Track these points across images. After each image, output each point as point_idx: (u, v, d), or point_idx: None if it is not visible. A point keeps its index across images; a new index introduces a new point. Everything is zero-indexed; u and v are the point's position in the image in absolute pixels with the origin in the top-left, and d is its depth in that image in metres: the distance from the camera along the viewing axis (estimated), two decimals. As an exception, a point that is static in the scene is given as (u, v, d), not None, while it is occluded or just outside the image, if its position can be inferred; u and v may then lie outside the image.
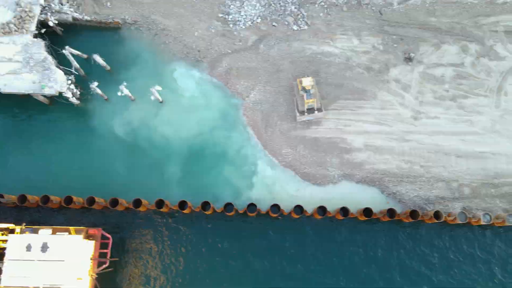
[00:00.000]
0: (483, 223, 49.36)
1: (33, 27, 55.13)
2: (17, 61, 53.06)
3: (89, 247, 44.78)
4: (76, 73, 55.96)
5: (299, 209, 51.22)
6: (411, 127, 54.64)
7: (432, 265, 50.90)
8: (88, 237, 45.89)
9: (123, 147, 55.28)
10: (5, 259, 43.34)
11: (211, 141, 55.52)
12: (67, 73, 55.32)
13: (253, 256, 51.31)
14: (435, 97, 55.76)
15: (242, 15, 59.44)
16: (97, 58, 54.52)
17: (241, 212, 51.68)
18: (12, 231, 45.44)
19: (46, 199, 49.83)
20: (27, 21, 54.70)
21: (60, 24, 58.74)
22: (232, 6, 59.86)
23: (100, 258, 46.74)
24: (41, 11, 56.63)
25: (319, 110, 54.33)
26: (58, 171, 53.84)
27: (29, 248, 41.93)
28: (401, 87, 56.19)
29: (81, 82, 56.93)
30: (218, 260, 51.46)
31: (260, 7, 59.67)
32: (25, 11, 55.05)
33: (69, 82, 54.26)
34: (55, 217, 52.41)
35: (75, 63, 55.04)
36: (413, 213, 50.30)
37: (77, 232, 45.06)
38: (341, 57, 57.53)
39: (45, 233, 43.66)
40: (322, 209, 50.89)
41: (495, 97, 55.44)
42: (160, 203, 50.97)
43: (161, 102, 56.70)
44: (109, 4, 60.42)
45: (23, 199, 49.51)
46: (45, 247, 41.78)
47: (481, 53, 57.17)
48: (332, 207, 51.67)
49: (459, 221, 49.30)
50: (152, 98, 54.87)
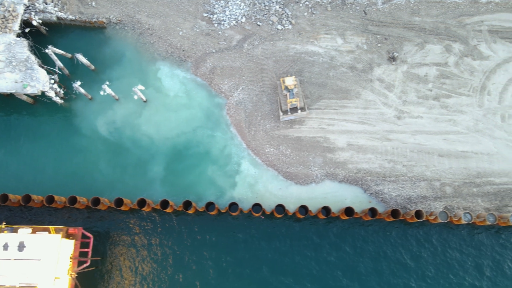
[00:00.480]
0: (463, 222, 49.41)
1: (16, 27, 55.13)
2: (0, 60, 53.00)
3: (69, 246, 44.73)
4: (59, 72, 56.01)
5: (281, 208, 51.23)
6: (394, 127, 54.69)
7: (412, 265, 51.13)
8: (68, 236, 45.85)
9: (106, 146, 55.35)
10: (-18, 257, 43.32)
11: (195, 140, 55.59)
12: (51, 72, 55.37)
13: (235, 255, 51.38)
14: (418, 97, 55.81)
15: (226, 15, 59.47)
16: (80, 57, 54.53)
17: (223, 211, 51.73)
18: (-9, 230, 45.51)
19: (28, 198, 49.80)
20: (10, 20, 54.69)
21: (44, 23, 58.79)
22: (216, 5, 59.89)
23: (80, 257, 46.66)
24: (25, 11, 56.69)
25: (302, 109, 54.40)
26: (41, 170, 54.02)
27: (5, 247, 41.90)
28: (385, 86, 56.25)
29: (65, 81, 57.04)
30: (200, 258, 51.56)
31: (244, 7, 59.70)
32: (9, 11, 55.07)
33: (52, 81, 54.25)
34: (41, 216, 52.65)
35: (58, 62, 55.05)
36: (395, 212, 50.39)
37: (57, 231, 45.02)
38: (325, 56, 57.57)
39: (24, 232, 43.60)
40: (304, 209, 50.92)
41: (478, 96, 55.51)
42: (142, 203, 50.98)
43: (145, 101, 56.73)
44: (94, 3, 60.44)
45: (4, 198, 49.48)
46: (21, 246, 41.77)
47: (465, 53, 57.23)
48: (315, 206, 51.80)
49: (440, 220, 49.31)
50: (135, 97, 54.89)
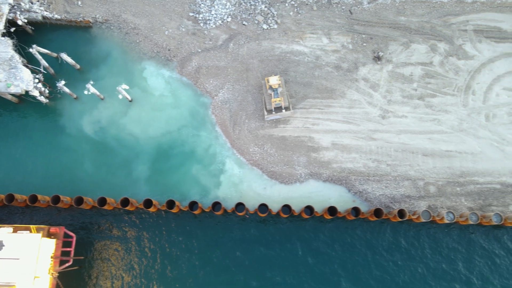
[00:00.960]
0: (446, 221, 49.46)
1: (1, 26, 55.10)
2: (-16, 59, 53.05)
3: (50, 245, 44.71)
4: (44, 72, 55.97)
5: (265, 207, 51.25)
6: (379, 126, 54.74)
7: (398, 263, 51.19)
8: (49, 235, 45.83)
9: (91, 145, 55.34)
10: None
11: (180, 139, 55.60)
12: (36, 71, 55.35)
13: (219, 254, 51.38)
14: (403, 96, 55.88)
15: (212, 14, 59.50)
16: (65, 56, 54.53)
17: (207, 210, 51.75)
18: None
19: (11, 198, 49.78)
20: (-5, 19, 54.68)
21: (30, 23, 58.75)
22: (202, 5, 59.93)
23: (62, 256, 46.65)
24: (10, 10, 56.65)
25: (287, 109, 54.43)
26: (25, 169, 53.97)
27: (-15, 246, 42.01)
28: (370, 86, 56.30)
29: (50, 81, 56.98)
30: (184, 257, 51.58)
31: (230, 6, 59.73)
32: (-6, 10, 55.07)
33: (37, 80, 54.23)
34: (26, 215, 52.68)
35: (43, 62, 55.03)
36: (377, 212, 50.44)
37: (38, 230, 45.01)
38: (311, 56, 57.62)
39: (4, 231, 43.58)
40: (287, 208, 50.96)
41: (463, 96, 55.58)
42: (125, 202, 50.97)
43: (130, 101, 56.73)
44: (80, 3, 60.44)
45: (-13, 197, 49.52)
46: (0, 246, 41.75)
47: (450, 52, 57.31)
48: (299, 205, 51.83)
49: (423, 220, 49.35)
50: (120, 97, 54.88)
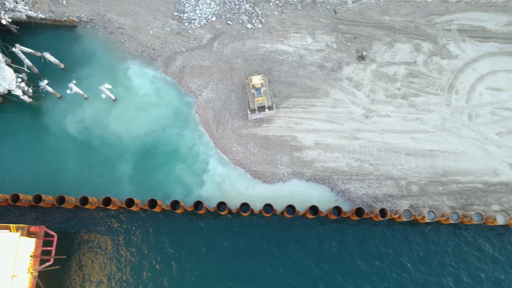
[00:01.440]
0: (427, 220, 49.51)
1: (-15, 25, 55.16)
2: (-34, 59, 53.08)
3: (29, 244, 44.72)
4: (28, 71, 55.98)
5: (247, 206, 51.29)
6: (362, 125, 54.78)
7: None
8: (29, 234, 45.83)
9: (75, 145, 55.36)
10: None
11: (164, 139, 55.63)
12: (19, 71, 55.36)
13: (201, 254, 51.42)
14: (386, 96, 55.93)
15: (197, 14, 59.54)
16: (48, 56, 54.56)
17: (189, 209, 51.79)
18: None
19: (-7, 197, 49.86)
20: (-22, 19, 54.67)
21: (15, 22, 58.77)
22: (187, 4, 59.95)
23: (43, 255, 46.65)
24: (-6, 9, 56.68)
25: (270, 108, 54.48)
26: (8, 168, 53.98)
27: (-38, 245, 41.99)
28: (354, 85, 56.35)
29: (35, 80, 56.98)
30: (166, 257, 51.62)
31: (215, 6, 59.76)
32: (-23, 9, 55.08)
33: (20, 80, 54.23)
34: (7, 215, 52.73)
35: (27, 61, 55.04)
36: (359, 211, 50.48)
37: (18, 229, 45.03)
38: (295, 55, 57.66)
39: (-17, 230, 43.70)
40: (269, 207, 50.99)
41: (446, 95, 55.64)
42: (107, 201, 50.99)
43: (114, 100, 56.76)
44: (64, 2, 60.45)
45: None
46: (-23, 244, 41.91)
47: (434, 52, 57.37)
48: (282, 205, 51.89)
49: (404, 219, 49.40)
50: (103, 96, 54.87)
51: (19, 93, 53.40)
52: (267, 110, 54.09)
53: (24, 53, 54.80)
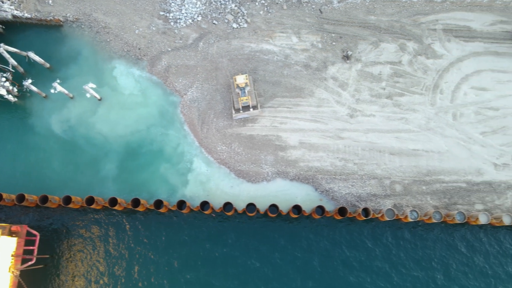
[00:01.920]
0: (410, 220, 49.53)
1: (-31, 25, 55.15)
2: (-50, 58, 53.05)
3: (10, 244, 44.70)
4: (13, 70, 55.95)
5: (230, 206, 51.28)
6: (347, 125, 54.81)
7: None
8: (11, 234, 45.81)
9: (60, 144, 55.33)
10: None
11: (149, 138, 55.63)
12: (4, 70, 55.31)
13: (183, 253, 51.42)
14: (371, 95, 55.96)
15: (183, 13, 59.56)
16: (32, 55, 54.56)
17: (173, 208, 51.78)
18: None
19: (-24, 196, 49.83)
20: (-37, 18, 54.66)
21: (0, 22, 58.71)
22: (173, 4, 59.98)
23: (25, 255, 46.61)
24: (-21, 9, 56.65)
25: (255, 107, 54.49)
26: (-8, 168, 54.00)
27: None
28: (339, 85, 56.39)
29: (20, 79, 56.86)
30: (150, 255, 51.56)
31: (201, 5, 59.80)
32: (-38, 9, 55.05)
33: (4, 79, 54.21)
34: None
35: (11, 61, 55.03)
36: (342, 210, 50.51)
37: (-1, 228, 45.08)
38: (280, 55, 57.70)
39: (-36, 229, 43.66)
40: (252, 206, 51.00)
41: (431, 95, 55.70)
42: (91, 200, 50.97)
43: (99, 99, 56.75)
44: (50, 1, 60.47)
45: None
46: (-43, 243, 41.89)
47: (419, 51, 57.43)
48: (266, 204, 51.85)
49: (387, 218, 49.43)
50: (88, 95, 54.85)
51: (3, 92, 53.40)
52: (251, 109, 54.10)
53: (9, 52, 54.77)
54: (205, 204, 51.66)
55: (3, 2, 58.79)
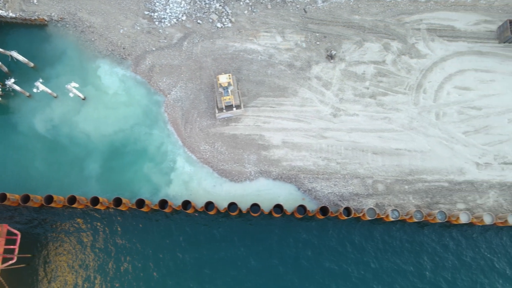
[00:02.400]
0: (391, 219, 49.59)
1: (-47, 24, 55.11)
2: None
3: (-10, 243, 44.81)
4: (-4, 70, 56.05)
5: (212, 205, 51.31)
6: (330, 124, 54.85)
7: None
8: (-9, 233, 45.88)
9: (43, 144, 55.33)
10: None
11: (132, 138, 55.62)
12: (-12, 69, 55.43)
13: (166, 252, 51.46)
14: (355, 95, 56.01)
15: (167, 13, 59.57)
16: (15, 54, 54.56)
17: (155, 208, 51.80)
18: None
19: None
20: None
21: (-15, 21, 58.83)
22: (157, 3, 59.99)
23: (6, 254, 46.61)
24: (-38, 8, 56.66)
25: (238, 107, 54.52)
26: (-25, 167, 53.98)
27: None
28: (322, 84, 56.42)
29: (4, 79, 56.88)
30: (131, 255, 51.65)
31: (185, 5, 59.81)
32: None
33: (-13, 78, 54.28)
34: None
35: (-5, 60, 55.10)
36: (324, 210, 50.55)
37: (-22, 228, 45.05)
38: (264, 54, 57.72)
39: None
40: (234, 206, 51.04)
41: (414, 94, 55.75)
42: (72, 200, 50.99)
43: (83, 99, 56.77)
44: (35, 1, 60.44)
45: None
46: None
47: (403, 51, 57.48)
48: (248, 203, 51.89)
49: (368, 218, 49.48)
50: (71, 95, 54.86)
51: (-14, 91, 53.41)
52: (234, 109, 54.13)
53: (-8, 52, 54.85)
54: (187, 203, 51.70)
55: (-13, 1, 58.83)
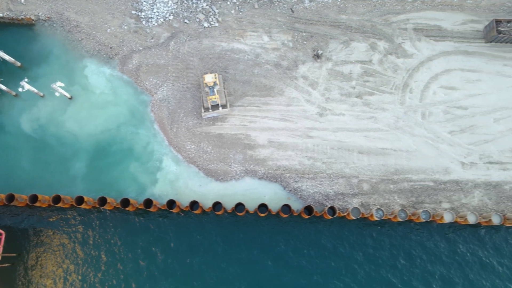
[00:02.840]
0: (376, 218, 49.61)
1: None
2: None
3: (-27, 242, 44.76)
4: (-17, 69, 55.99)
5: (196, 204, 51.30)
6: (316, 124, 54.88)
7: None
8: (-26, 232, 45.84)
9: (29, 143, 55.30)
10: None
11: (119, 137, 55.62)
12: (-26, 69, 55.39)
13: (151, 252, 51.46)
14: (341, 94, 56.04)
15: (154, 12, 59.59)
16: (1, 53, 54.57)
17: (140, 207, 51.78)
18: None
19: None
20: None
21: (-28, 20, 58.79)
22: (145, 3, 60.00)
23: (-10, 253, 46.70)
24: (-51, 7, 56.62)
25: (224, 106, 54.53)
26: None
27: None
28: (309, 83, 56.46)
29: (-10, 78, 57.01)
30: (117, 253, 51.62)
31: (172, 4, 59.83)
32: None
33: (-27, 78, 54.25)
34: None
35: (-19, 59, 55.06)
36: (308, 209, 50.56)
37: (-39, 227, 45.01)
38: (251, 54, 57.74)
39: None
40: (219, 205, 51.05)
41: (400, 94, 55.79)
42: (57, 199, 50.96)
43: (70, 98, 56.76)
44: (23, 0, 60.42)
45: None
46: None
47: (389, 51, 57.53)
48: (234, 203, 51.86)
49: (352, 217, 49.51)
50: (57, 94, 54.83)
51: (-29, 91, 53.39)
52: (220, 108, 54.14)
53: (-21, 51, 54.82)
54: (173, 202, 51.67)
55: (-26, 1, 58.80)
